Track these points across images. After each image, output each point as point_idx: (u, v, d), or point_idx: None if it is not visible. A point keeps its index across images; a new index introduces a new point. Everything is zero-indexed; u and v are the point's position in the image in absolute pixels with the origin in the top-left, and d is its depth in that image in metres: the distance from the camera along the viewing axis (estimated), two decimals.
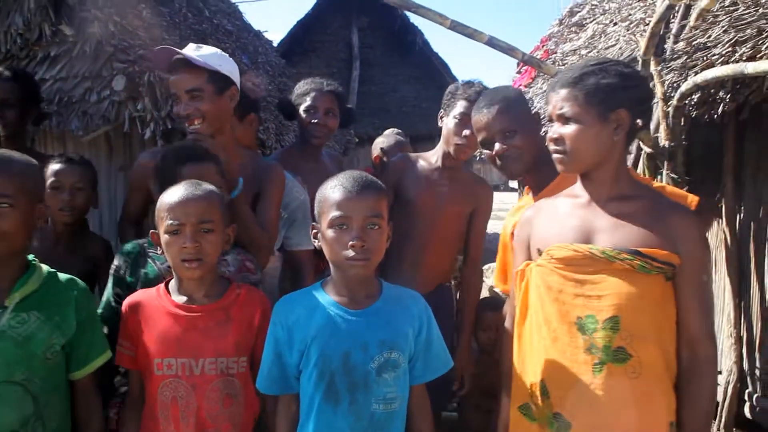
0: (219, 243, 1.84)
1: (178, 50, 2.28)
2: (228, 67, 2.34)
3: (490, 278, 3.38)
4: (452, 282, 3.01)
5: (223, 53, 2.39)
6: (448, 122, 2.70)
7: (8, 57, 3.72)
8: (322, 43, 12.95)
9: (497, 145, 2.21)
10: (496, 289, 2.85)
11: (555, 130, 1.74)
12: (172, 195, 1.81)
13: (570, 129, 1.70)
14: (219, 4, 6.31)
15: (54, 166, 2.44)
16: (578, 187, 1.81)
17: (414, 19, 13.02)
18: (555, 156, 1.77)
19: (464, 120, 2.60)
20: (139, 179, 2.45)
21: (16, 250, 1.69)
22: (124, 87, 3.51)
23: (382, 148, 3.81)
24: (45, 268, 1.77)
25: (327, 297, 1.75)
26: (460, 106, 2.66)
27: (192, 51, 2.30)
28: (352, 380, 1.66)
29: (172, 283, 1.91)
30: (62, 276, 1.79)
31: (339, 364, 1.66)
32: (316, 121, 2.97)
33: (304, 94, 3.03)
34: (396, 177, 2.79)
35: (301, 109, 3.01)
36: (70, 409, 1.77)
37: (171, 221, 1.78)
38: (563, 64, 5.58)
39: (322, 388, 1.67)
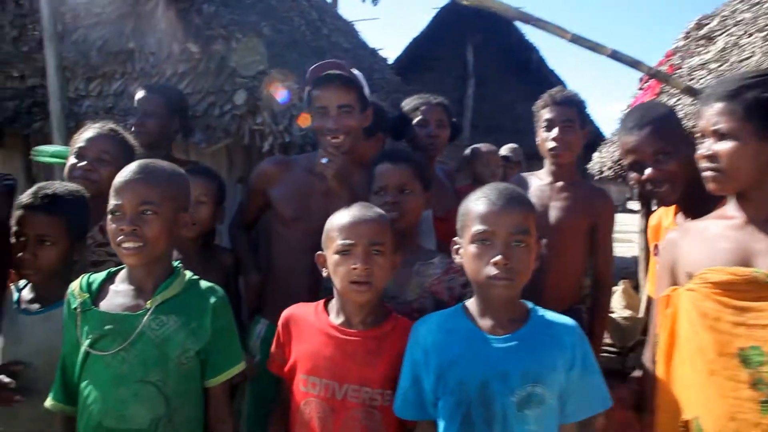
0: (388, 268, 1.80)
1: (342, 64, 2.34)
2: (367, 88, 2.40)
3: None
4: (584, 305, 2.86)
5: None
6: (540, 135, 2.68)
7: (142, 74, 3.95)
8: (437, 61, 12.95)
9: (649, 170, 2.05)
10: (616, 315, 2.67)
11: (708, 146, 1.61)
12: (344, 216, 1.80)
13: (725, 146, 1.56)
14: (336, 22, 6.46)
15: None
16: (731, 208, 1.66)
17: (529, 35, 12.83)
18: (707, 174, 1.62)
19: (550, 125, 2.61)
20: (259, 184, 2.51)
21: (157, 255, 1.75)
22: (244, 101, 3.64)
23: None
24: (189, 274, 1.83)
25: (467, 319, 1.66)
26: (543, 113, 2.66)
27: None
28: (489, 413, 1.54)
29: (332, 303, 1.87)
30: (203, 283, 1.83)
31: (476, 394, 1.55)
32: (429, 133, 3.00)
33: (414, 109, 3.08)
34: None
35: (413, 124, 3.05)
36: (202, 418, 1.78)
37: (343, 241, 1.75)
38: (690, 80, 5.30)
39: (458, 419, 1.56)
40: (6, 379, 1.89)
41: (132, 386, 1.65)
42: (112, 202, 1.70)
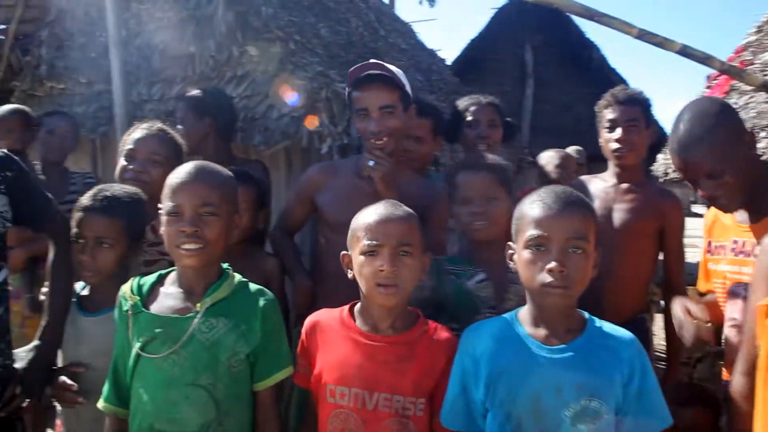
0: (417, 271, 1.72)
1: (382, 64, 2.30)
2: (408, 86, 2.34)
3: None
4: (648, 314, 2.74)
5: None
6: (602, 136, 2.60)
7: (202, 78, 4.00)
8: (495, 62, 12.78)
9: (704, 188, 1.95)
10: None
11: None
12: (371, 214, 1.73)
13: None
14: (393, 23, 6.44)
15: None
16: None
17: (590, 33, 12.53)
18: None
19: (613, 125, 2.53)
20: (306, 191, 2.49)
21: (215, 257, 1.74)
22: (303, 104, 3.64)
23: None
24: (237, 276, 1.81)
25: (520, 328, 1.59)
26: (606, 113, 2.57)
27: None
28: (542, 428, 1.47)
29: (357, 308, 1.81)
30: (252, 286, 1.81)
31: (528, 407, 1.48)
32: (480, 134, 2.95)
33: (465, 109, 3.02)
34: None
35: (464, 124, 3.01)
36: (252, 423, 1.76)
37: (369, 241, 1.68)
38: (764, 76, 5.08)
39: None
40: (69, 381, 1.93)
41: (183, 389, 1.65)
42: (169, 203, 1.69)
